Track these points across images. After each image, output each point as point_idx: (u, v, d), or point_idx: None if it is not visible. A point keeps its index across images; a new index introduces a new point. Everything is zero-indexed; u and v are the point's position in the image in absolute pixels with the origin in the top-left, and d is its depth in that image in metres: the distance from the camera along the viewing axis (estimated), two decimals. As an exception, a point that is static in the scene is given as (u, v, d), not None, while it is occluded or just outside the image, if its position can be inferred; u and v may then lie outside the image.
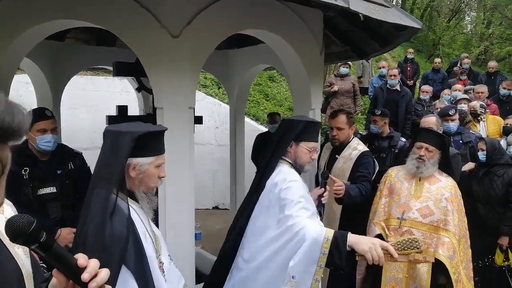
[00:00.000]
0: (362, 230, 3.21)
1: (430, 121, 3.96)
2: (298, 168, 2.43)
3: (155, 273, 1.64)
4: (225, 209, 7.36)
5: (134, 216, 1.65)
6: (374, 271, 3.13)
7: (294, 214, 2.11)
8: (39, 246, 0.90)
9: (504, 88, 6.50)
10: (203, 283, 4.35)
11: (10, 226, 0.87)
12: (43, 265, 1.22)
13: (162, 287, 1.67)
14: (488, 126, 5.36)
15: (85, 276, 0.91)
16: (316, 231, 1.99)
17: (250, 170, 6.02)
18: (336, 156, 3.61)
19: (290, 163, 2.42)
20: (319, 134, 2.45)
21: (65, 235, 2.69)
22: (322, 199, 2.72)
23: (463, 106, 5.45)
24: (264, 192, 2.38)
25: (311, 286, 2.00)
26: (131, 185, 1.70)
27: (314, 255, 1.95)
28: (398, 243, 1.86)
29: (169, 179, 2.82)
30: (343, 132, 3.55)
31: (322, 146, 3.91)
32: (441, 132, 3.90)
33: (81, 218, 1.60)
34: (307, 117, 2.70)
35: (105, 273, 0.95)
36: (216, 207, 7.73)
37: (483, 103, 5.69)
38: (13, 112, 0.75)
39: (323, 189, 2.74)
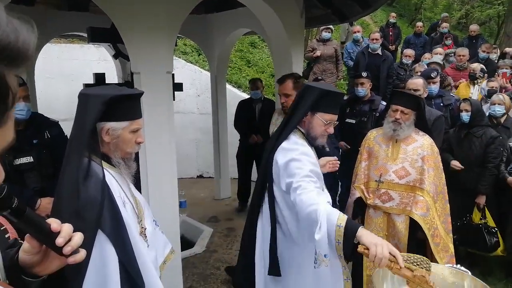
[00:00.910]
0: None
1: (418, 82, 3.95)
2: (310, 139, 2.24)
3: (134, 238, 1.63)
4: (210, 177, 7.38)
5: (111, 181, 1.62)
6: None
7: (303, 185, 1.97)
8: (11, 212, 0.87)
9: (484, 52, 6.56)
10: (189, 249, 4.43)
11: None
12: (21, 241, 1.19)
13: (141, 252, 1.65)
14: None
15: (59, 241, 0.90)
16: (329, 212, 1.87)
17: (233, 138, 6.01)
18: None
19: (303, 133, 2.24)
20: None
21: (45, 204, 2.64)
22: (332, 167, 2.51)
23: None
24: (274, 163, 2.20)
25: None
26: (107, 150, 1.66)
27: (330, 233, 1.84)
28: (409, 256, 1.75)
29: (149, 144, 2.79)
30: (291, 98, 3.20)
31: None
32: (426, 94, 3.93)
33: (58, 185, 1.57)
34: (329, 86, 2.42)
35: (79, 236, 0.94)
36: (200, 176, 7.75)
37: (483, 67, 5.70)
38: (15, 28, 0.60)
39: (335, 157, 2.52)
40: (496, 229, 3.64)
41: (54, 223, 0.92)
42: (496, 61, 6.73)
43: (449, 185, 3.07)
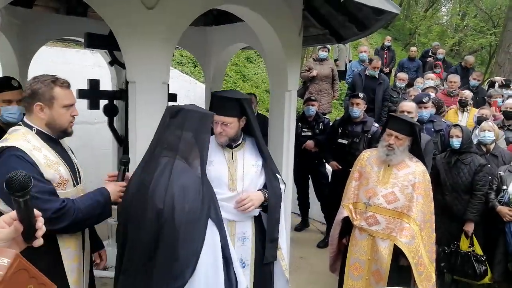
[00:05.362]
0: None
1: (412, 105, 4.00)
2: None
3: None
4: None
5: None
6: (344, 252, 3.22)
7: None
8: (29, 198, 1.05)
9: (474, 79, 6.66)
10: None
11: (16, 181, 1.02)
12: None
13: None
14: (470, 118, 5.43)
15: (39, 224, 1.10)
16: None
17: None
18: None
19: None
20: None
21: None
22: None
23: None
24: None
25: None
26: None
27: None
28: None
29: (140, 156, 2.75)
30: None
31: None
32: (416, 118, 3.97)
33: (158, 180, 1.74)
34: (227, 91, 2.73)
35: (43, 223, 1.12)
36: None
37: (473, 96, 5.79)
38: None
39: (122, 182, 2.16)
40: (484, 257, 3.64)
41: (36, 210, 1.10)
42: (486, 90, 6.85)
43: (437, 211, 3.07)
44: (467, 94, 5.66)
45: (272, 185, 2.47)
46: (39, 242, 1.11)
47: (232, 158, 2.43)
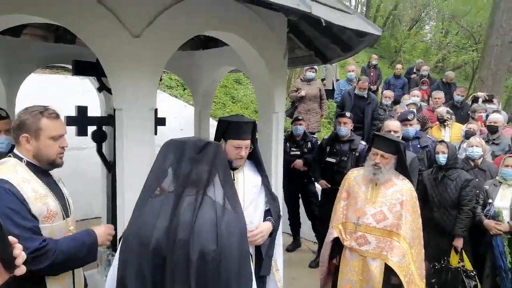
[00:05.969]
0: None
1: (397, 124, 4.08)
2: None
3: None
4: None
5: None
6: (334, 273, 3.21)
7: None
8: None
9: (458, 95, 6.81)
10: None
11: None
12: None
13: None
14: (453, 132, 5.54)
15: (17, 252, 1.07)
16: None
17: (214, 172, 5.97)
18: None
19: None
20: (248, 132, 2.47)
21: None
22: None
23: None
24: None
25: None
26: None
27: None
28: None
29: (129, 181, 2.76)
30: None
31: None
32: (400, 136, 4.03)
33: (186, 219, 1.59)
34: (236, 117, 2.64)
35: (23, 252, 1.10)
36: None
37: (449, 110, 5.92)
38: None
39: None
40: (474, 272, 3.66)
41: (11, 236, 1.07)
42: (470, 105, 6.98)
43: (426, 227, 3.09)
44: (441, 110, 5.80)
45: (275, 209, 2.61)
46: (21, 270, 1.08)
47: (234, 180, 2.46)
